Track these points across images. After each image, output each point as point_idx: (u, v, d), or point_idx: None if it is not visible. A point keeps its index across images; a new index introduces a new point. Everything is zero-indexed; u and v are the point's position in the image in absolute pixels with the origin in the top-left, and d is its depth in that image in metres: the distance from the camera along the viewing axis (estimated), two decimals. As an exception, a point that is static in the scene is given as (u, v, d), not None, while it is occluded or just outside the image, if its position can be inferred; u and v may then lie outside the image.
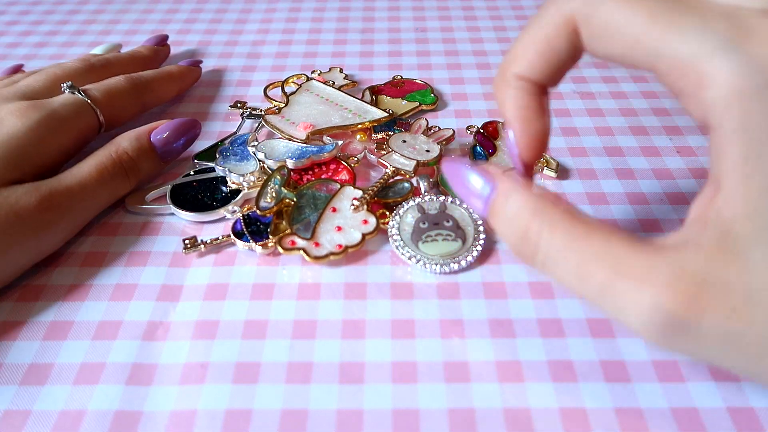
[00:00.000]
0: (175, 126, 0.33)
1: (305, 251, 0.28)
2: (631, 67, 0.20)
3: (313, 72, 0.42)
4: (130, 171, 0.31)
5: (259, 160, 0.33)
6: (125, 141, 0.31)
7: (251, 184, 0.32)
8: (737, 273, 0.17)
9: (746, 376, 0.19)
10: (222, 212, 0.31)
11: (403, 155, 0.33)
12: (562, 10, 0.20)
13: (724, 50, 0.17)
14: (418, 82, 0.41)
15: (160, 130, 0.32)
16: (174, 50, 0.47)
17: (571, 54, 0.21)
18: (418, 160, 0.32)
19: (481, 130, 0.36)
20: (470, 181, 0.22)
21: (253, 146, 0.33)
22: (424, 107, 0.39)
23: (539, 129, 0.22)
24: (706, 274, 0.17)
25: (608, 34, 0.19)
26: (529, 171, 0.24)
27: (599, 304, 0.19)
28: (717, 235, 0.17)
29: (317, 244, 0.28)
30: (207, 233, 0.30)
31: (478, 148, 0.35)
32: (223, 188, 0.32)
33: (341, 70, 0.42)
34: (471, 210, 0.30)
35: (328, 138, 0.34)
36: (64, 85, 0.33)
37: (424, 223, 0.29)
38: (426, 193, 0.31)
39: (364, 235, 0.29)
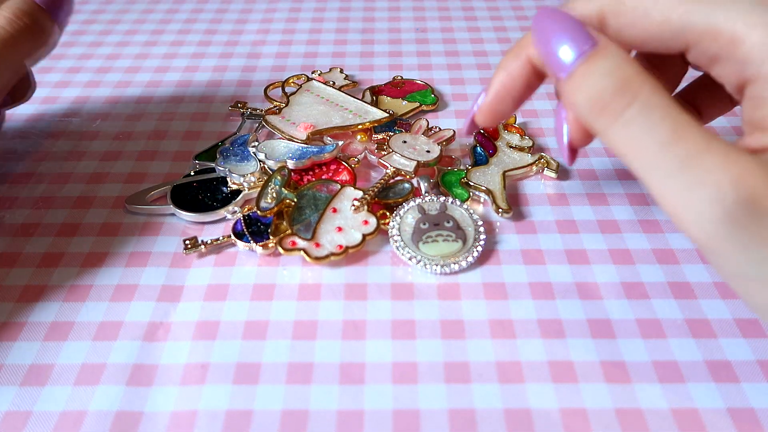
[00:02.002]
0: None
1: (306, 252, 0.28)
2: (661, 50, 0.21)
3: (313, 72, 0.42)
4: (31, 28, 0.30)
5: (260, 161, 0.33)
6: (13, 1, 0.30)
7: (252, 184, 0.32)
8: None
9: None
10: (222, 213, 0.31)
11: (403, 156, 0.33)
12: (592, 4, 0.21)
13: (753, 11, 0.19)
14: (419, 82, 0.41)
15: None
16: (174, 50, 0.47)
17: None
18: (418, 161, 0.33)
19: (482, 131, 0.36)
20: (571, 26, 0.21)
21: (253, 147, 0.33)
22: (424, 108, 0.39)
23: (505, 108, 0.25)
24: None
25: (637, 18, 0.21)
26: (471, 129, 0.26)
27: (673, 179, 0.18)
28: None
29: (318, 245, 0.28)
30: (207, 234, 0.30)
31: (478, 148, 0.35)
32: (224, 189, 0.32)
33: (341, 71, 0.42)
34: (471, 210, 0.30)
35: (329, 138, 0.34)
36: None
37: (424, 224, 0.29)
38: (426, 194, 0.31)
39: (364, 236, 0.29)
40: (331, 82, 0.39)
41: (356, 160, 0.34)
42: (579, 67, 0.20)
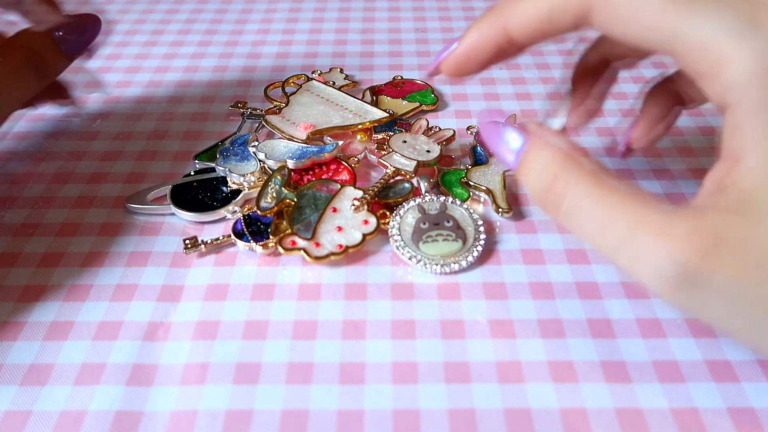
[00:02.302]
0: (76, 22, 0.32)
1: (306, 251, 0.28)
2: (647, 51, 0.21)
3: (313, 72, 0.42)
4: (39, 67, 0.30)
5: (260, 161, 0.33)
6: (30, 38, 0.30)
7: (252, 184, 0.32)
8: (754, 236, 0.17)
9: (745, 338, 0.20)
10: (222, 212, 0.31)
11: (403, 155, 0.33)
12: None
13: (743, 30, 0.18)
14: (419, 82, 0.41)
15: (60, 26, 0.31)
16: (174, 50, 0.47)
17: (564, 32, 0.22)
18: (418, 161, 0.33)
19: (482, 131, 0.36)
20: (505, 136, 0.23)
21: (253, 146, 0.33)
22: (424, 107, 0.39)
23: (470, 67, 0.25)
24: (724, 233, 0.17)
25: (625, 19, 0.20)
26: (434, 73, 0.26)
27: (617, 258, 0.19)
28: (735, 201, 0.18)
29: (318, 245, 0.28)
30: (207, 233, 0.30)
31: (478, 148, 0.35)
32: (224, 188, 0.32)
33: (341, 71, 0.42)
34: (471, 210, 0.30)
35: (329, 138, 0.34)
36: None
37: (424, 224, 0.29)
38: (426, 194, 0.31)
39: (364, 236, 0.29)
40: (331, 82, 0.39)
41: (356, 159, 0.34)
42: (518, 168, 0.22)
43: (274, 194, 0.30)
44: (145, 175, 0.34)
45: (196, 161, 0.34)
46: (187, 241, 0.29)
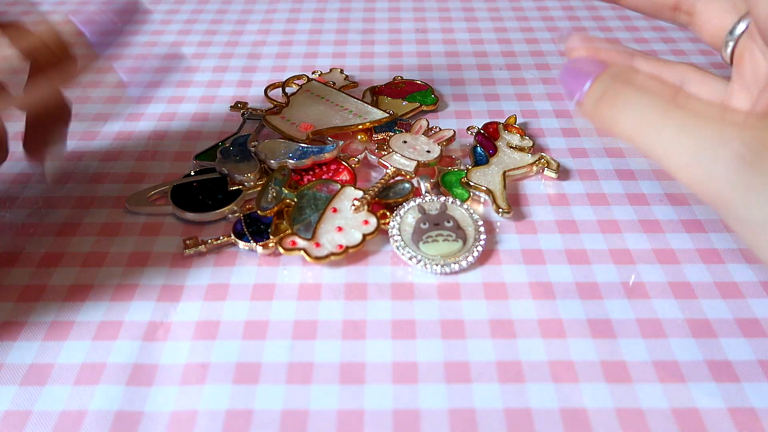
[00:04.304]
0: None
1: (306, 251, 0.28)
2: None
3: (313, 73, 0.42)
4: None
5: (260, 161, 0.33)
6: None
7: (252, 184, 0.32)
8: None
9: None
10: (222, 212, 0.31)
11: (403, 156, 0.33)
12: None
13: None
14: (419, 82, 0.41)
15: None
16: (174, 51, 0.47)
17: None
18: (418, 161, 0.33)
19: (482, 131, 0.36)
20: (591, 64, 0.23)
21: (253, 146, 0.33)
22: (424, 108, 0.39)
23: None
24: None
25: None
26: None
27: (679, 137, 0.20)
28: None
29: (318, 245, 0.28)
30: (208, 233, 0.30)
31: (478, 148, 0.35)
32: (224, 188, 0.32)
33: (342, 71, 0.42)
34: (471, 210, 0.30)
35: (329, 138, 0.34)
36: None
37: (424, 224, 0.29)
38: (427, 194, 0.31)
39: (364, 236, 0.29)
40: (331, 83, 0.39)
41: (356, 160, 0.34)
42: (593, 82, 0.22)
43: (274, 194, 0.30)
44: (145, 175, 0.34)
45: (197, 161, 0.34)
46: (188, 241, 0.29)
